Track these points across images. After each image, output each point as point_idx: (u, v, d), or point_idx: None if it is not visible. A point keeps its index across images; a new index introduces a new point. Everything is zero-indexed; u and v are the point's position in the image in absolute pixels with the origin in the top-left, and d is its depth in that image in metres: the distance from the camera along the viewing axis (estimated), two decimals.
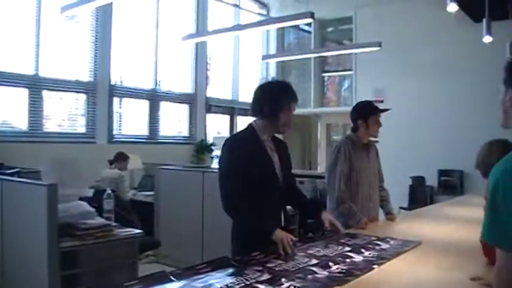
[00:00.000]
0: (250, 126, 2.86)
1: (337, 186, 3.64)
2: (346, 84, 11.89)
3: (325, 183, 3.82)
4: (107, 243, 3.68)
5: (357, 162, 3.71)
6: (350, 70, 10.82)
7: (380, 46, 7.70)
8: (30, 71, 7.48)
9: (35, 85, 7.53)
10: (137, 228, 4.14)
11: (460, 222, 3.83)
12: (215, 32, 8.49)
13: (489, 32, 6.42)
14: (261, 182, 2.75)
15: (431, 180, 9.18)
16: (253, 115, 2.85)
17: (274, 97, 2.77)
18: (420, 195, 8.97)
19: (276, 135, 2.98)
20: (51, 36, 7.70)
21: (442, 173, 9.11)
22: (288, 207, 3.11)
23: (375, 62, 9.58)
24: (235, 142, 2.84)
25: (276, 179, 2.84)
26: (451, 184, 8.93)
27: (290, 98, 2.83)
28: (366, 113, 3.77)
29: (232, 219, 2.80)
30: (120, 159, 6.94)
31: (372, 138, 3.92)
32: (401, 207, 8.73)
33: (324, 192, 4.88)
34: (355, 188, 3.71)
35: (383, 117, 3.92)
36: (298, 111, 10.78)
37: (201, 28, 10.09)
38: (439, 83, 9.09)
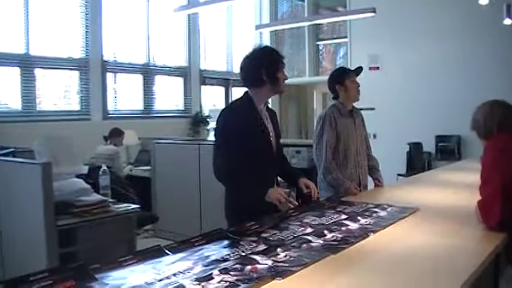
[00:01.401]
0: (246, 95, 2.89)
1: (323, 156, 3.67)
2: (341, 52, 11.81)
3: (313, 154, 3.82)
4: (104, 220, 3.67)
5: (344, 129, 3.73)
6: (345, 37, 10.72)
7: (374, 12, 7.61)
8: (21, 50, 7.39)
9: (27, 63, 7.45)
10: (134, 203, 4.14)
11: (457, 187, 3.84)
12: (207, 2, 8.38)
13: None
14: (257, 151, 2.81)
15: (429, 146, 9.17)
16: (250, 85, 2.87)
17: (267, 60, 2.82)
18: (418, 162, 8.97)
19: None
20: (41, 13, 7.59)
21: (439, 138, 9.09)
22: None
23: (370, 28, 9.47)
24: (232, 113, 2.87)
25: (271, 148, 2.91)
26: (449, 149, 8.92)
27: (280, 57, 2.89)
28: (341, 77, 3.81)
29: (226, 187, 2.86)
30: (115, 134, 6.93)
31: (358, 105, 3.93)
32: (399, 174, 8.76)
33: None
34: (343, 155, 3.73)
35: (380, 83, 3.94)
36: (293, 80, 10.79)
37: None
38: (435, 48, 9.00)
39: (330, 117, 3.71)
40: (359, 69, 3.88)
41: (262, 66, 2.79)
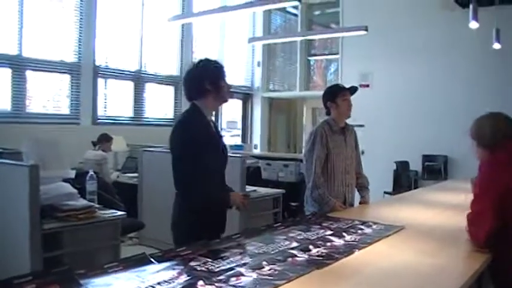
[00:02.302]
0: (194, 106, 2.90)
1: (313, 170, 3.68)
2: (332, 68, 11.88)
3: (304, 169, 3.86)
4: (90, 225, 3.66)
5: (334, 146, 3.75)
6: (336, 54, 10.80)
7: (366, 30, 7.68)
8: (14, 51, 7.37)
9: (19, 65, 7.41)
10: (120, 210, 4.13)
11: (443, 207, 3.86)
12: (201, 13, 8.41)
13: (475, 18, 6.41)
14: (214, 162, 2.85)
15: (416, 165, 9.23)
16: (195, 97, 2.90)
17: (210, 70, 2.88)
18: (404, 180, 9.02)
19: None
20: (35, 15, 7.57)
21: (426, 158, 9.17)
22: None
23: (362, 46, 9.56)
24: (185, 125, 2.86)
25: (225, 158, 3.01)
26: (435, 169, 8.99)
27: (220, 66, 2.95)
28: (334, 94, 3.83)
29: (185, 199, 2.83)
30: (104, 140, 6.92)
31: (348, 121, 3.95)
32: (385, 192, 8.80)
33: None
34: (331, 172, 3.75)
35: (370, 101, 3.98)
36: (283, 94, 10.85)
37: (187, 9, 9.99)
38: (425, 68, 9.10)
39: (321, 133, 3.73)
40: (354, 88, 3.90)
41: (205, 76, 2.84)
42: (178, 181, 2.78)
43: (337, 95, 3.80)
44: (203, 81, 2.83)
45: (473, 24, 6.45)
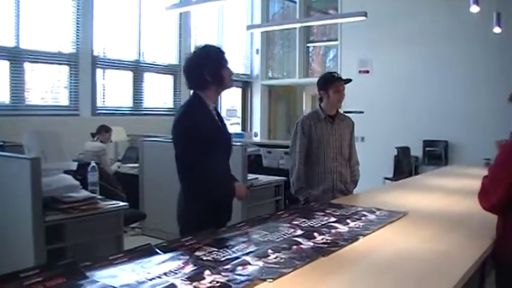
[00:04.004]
0: (195, 96, 2.83)
1: (297, 162, 3.76)
2: (331, 55, 11.84)
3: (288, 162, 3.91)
4: (92, 216, 3.66)
5: (320, 134, 3.78)
6: (335, 40, 10.76)
7: (365, 16, 7.64)
8: (11, 43, 7.33)
9: (16, 57, 7.38)
10: (122, 200, 4.13)
11: (445, 192, 3.87)
12: (199, 1, 8.37)
13: (476, 2, 6.38)
14: (217, 152, 2.79)
15: (417, 151, 9.23)
16: (197, 88, 2.82)
17: (208, 60, 2.76)
18: (405, 166, 9.01)
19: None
20: (32, 6, 7.53)
21: (427, 143, 9.16)
22: None
23: (361, 32, 9.51)
24: (187, 116, 2.77)
25: (228, 148, 2.94)
26: (436, 154, 8.98)
27: (220, 53, 2.84)
28: (326, 84, 3.83)
29: (189, 190, 2.82)
30: (103, 131, 6.91)
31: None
32: (386, 178, 8.81)
33: None
34: (317, 159, 3.78)
35: (369, 87, 3.96)
36: (283, 81, 10.83)
37: None
38: (425, 53, 9.06)
39: (304, 123, 3.80)
40: (348, 80, 3.89)
41: (205, 67, 2.74)
42: (181, 173, 2.74)
43: (329, 86, 3.79)
44: (203, 72, 2.73)
45: (474, 8, 6.42)
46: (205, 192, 2.74)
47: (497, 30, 7.37)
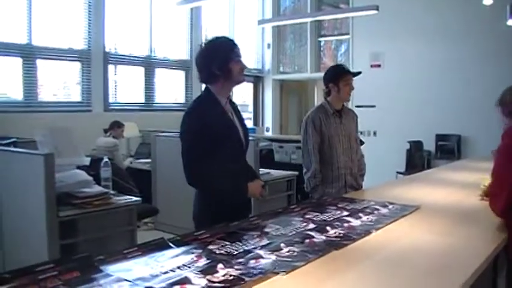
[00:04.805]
0: (207, 91, 2.76)
1: (312, 159, 3.71)
2: (343, 49, 11.79)
3: (302, 159, 3.85)
4: (105, 211, 3.69)
5: (330, 129, 3.73)
6: (347, 34, 10.72)
7: (377, 9, 7.61)
8: (23, 40, 7.37)
9: (29, 54, 7.42)
10: (135, 195, 4.15)
11: (457, 186, 3.84)
12: None
13: None
14: (228, 148, 2.69)
15: (429, 145, 9.19)
16: (207, 82, 2.75)
17: (216, 53, 2.68)
18: (417, 160, 8.99)
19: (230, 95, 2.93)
20: (44, 3, 7.57)
21: (439, 137, 9.11)
22: None
23: (372, 26, 9.47)
24: (197, 112, 2.70)
25: (241, 145, 2.81)
26: (449, 149, 8.94)
27: (230, 45, 2.74)
28: (337, 76, 3.76)
29: (200, 190, 2.76)
30: (115, 127, 6.95)
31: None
32: (398, 172, 8.78)
33: None
34: (329, 155, 3.74)
35: (381, 81, 3.93)
36: (294, 76, 10.76)
37: None
38: (437, 47, 9.01)
39: (313, 119, 3.73)
40: (358, 73, 3.86)
41: (213, 60, 2.65)
42: (187, 173, 2.63)
43: (340, 78, 3.74)
44: (211, 66, 2.65)
45: (487, 1, 6.37)
46: (212, 196, 2.70)
47: (510, 22, 7.30)
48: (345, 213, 2.74)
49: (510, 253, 2.46)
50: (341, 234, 2.29)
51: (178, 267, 1.79)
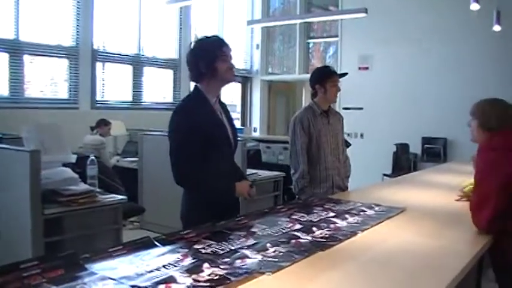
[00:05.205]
0: (196, 90, 2.75)
1: (299, 160, 3.71)
2: (331, 51, 11.83)
3: (290, 160, 3.85)
4: (91, 210, 3.66)
5: (318, 129, 3.74)
6: (336, 37, 10.75)
7: (366, 12, 7.64)
8: (10, 35, 7.32)
9: (16, 50, 7.37)
10: (121, 194, 4.13)
11: (443, 189, 3.87)
12: None
13: (476, 0, 6.38)
14: (216, 147, 2.67)
15: (415, 148, 9.25)
16: (195, 80, 2.75)
17: (203, 51, 2.68)
18: (404, 162, 9.04)
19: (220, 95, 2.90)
20: None
21: (426, 140, 9.17)
22: None
23: (361, 28, 9.51)
24: (185, 111, 2.69)
25: (230, 145, 2.80)
26: (435, 151, 9.00)
27: (217, 44, 2.72)
28: (323, 78, 3.78)
29: (188, 190, 2.74)
30: (102, 125, 6.92)
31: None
32: (384, 174, 8.82)
33: None
34: (317, 155, 3.75)
35: (369, 84, 3.94)
36: (282, 77, 10.80)
37: None
38: (424, 50, 9.06)
39: (302, 120, 3.74)
40: (344, 74, 3.90)
41: (200, 58, 2.65)
42: (175, 172, 2.61)
43: (326, 80, 3.76)
44: (198, 64, 2.66)
45: (475, 6, 6.43)
46: (200, 195, 2.68)
47: (497, 28, 7.37)
48: (331, 214, 2.75)
49: (495, 256, 2.50)
50: (327, 235, 2.29)
51: (164, 266, 1.78)
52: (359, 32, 9.71)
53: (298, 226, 2.43)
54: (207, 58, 2.65)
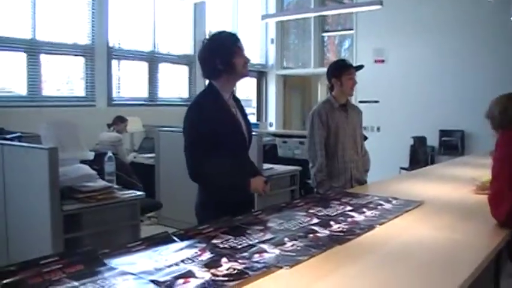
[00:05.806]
0: (210, 86, 2.74)
1: (317, 154, 3.72)
2: (346, 44, 11.78)
3: (307, 153, 3.85)
4: (109, 206, 3.70)
5: (335, 123, 3.75)
6: (351, 30, 10.70)
7: (381, 4, 7.59)
8: (27, 35, 7.38)
9: (33, 49, 7.43)
10: (139, 190, 4.16)
11: (461, 182, 3.83)
12: None
13: None
14: (231, 144, 2.67)
15: (433, 141, 9.18)
16: (210, 78, 2.73)
17: (219, 48, 2.66)
18: (421, 156, 8.98)
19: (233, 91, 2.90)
20: None
21: (443, 133, 9.10)
22: None
23: (376, 21, 9.45)
24: (199, 108, 2.68)
25: (244, 140, 2.79)
26: (452, 144, 8.93)
27: (233, 40, 2.71)
28: (339, 71, 3.79)
29: (203, 186, 2.74)
30: (119, 121, 6.97)
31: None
32: (402, 168, 8.77)
33: None
34: (334, 149, 3.75)
35: (385, 77, 3.92)
36: (298, 71, 10.77)
37: None
38: (441, 42, 8.98)
39: (320, 113, 3.75)
40: (360, 67, 3.89)
41: (216, 55, 2.63)
42: (189, 168, 2.61)
43: (342, 73, 3.77)
44: (214, 61, 2.63)
45: None
46: (215, 192, 2.68)
47: None
48: (349, 208, 2.75)
49: None
50: (344, 229, 2.29)
51: (182, 261, 1.80)
52: (374, 24, 9.65)
53: (315, 220, 2.44)
54: (224, 54, 2.64)
